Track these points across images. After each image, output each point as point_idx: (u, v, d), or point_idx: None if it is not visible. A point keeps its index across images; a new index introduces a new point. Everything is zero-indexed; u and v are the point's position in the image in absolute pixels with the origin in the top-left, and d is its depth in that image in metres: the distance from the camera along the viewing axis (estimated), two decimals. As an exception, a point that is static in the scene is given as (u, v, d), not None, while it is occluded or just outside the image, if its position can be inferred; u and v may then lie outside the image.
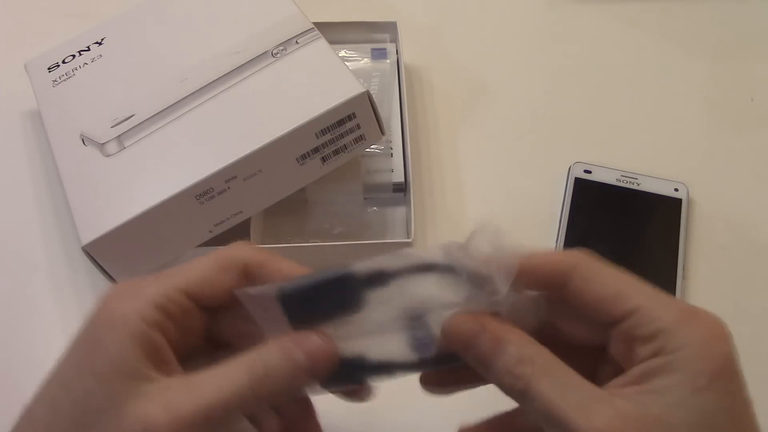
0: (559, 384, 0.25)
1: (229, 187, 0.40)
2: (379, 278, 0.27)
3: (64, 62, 0.48)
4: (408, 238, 0.46)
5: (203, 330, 0.30)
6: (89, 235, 0.38)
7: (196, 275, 0.28)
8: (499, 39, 0.59)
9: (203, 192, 0.39)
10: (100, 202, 0.40)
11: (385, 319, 0.27)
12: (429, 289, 0.27)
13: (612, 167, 0.49)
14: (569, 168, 0.49)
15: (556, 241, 0.45)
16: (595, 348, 0.28)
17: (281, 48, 0.44)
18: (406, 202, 0.48)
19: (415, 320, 0.28)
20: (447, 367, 0.28)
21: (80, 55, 0.48)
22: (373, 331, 0.28)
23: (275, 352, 0.27)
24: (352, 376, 0.28)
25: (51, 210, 0.48)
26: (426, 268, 0.27)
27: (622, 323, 0.26)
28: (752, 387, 0.40)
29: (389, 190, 0.48)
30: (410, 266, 0.27)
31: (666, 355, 0.24)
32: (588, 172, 0.49)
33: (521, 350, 0.26)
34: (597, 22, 0.60)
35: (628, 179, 0.48)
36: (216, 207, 0.40)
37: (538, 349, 0.26)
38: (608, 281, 0.27)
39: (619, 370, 0.26)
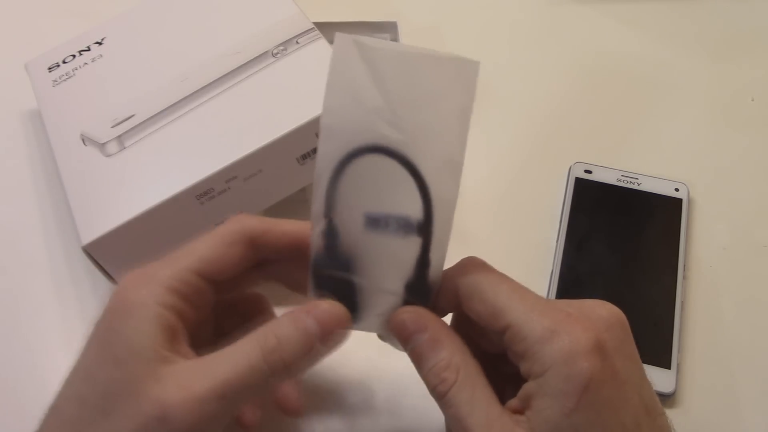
0: (473, 399, 0.26)
1: (229, 187, 0.40)
2: None
3: (64, 62, 0.48)
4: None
5: (213, 305, 0.30)
6: (89, 235, 0.38)
7: (206, 254, 0.29)
8: (499, 39, 0.59)
9: (204, 192, 0.39)
10: (100, 202, 0.40)
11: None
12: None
13: (612, 167, 0.49)
14: (569, 168, 0.49)
15: (557, 241, 0.45)
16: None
17: (281, 48, 0.44)
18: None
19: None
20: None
21: (80, 55, 0.48)
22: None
23: (286, 323, 0.27)
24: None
25: (51, 210, 0.48)
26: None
27: (503, 338, 0.27)
28: (753, 386, 0.41)
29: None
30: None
31: (536, 378, 0.26)
32: (588, 172, 0.49)
33: (452, 357, 0.27)
34: (597, 22, 0.60)
35: (629, 179, 0.48)
36: (216, 207, 0.40)
37: (467, 360, 0.28)
38: (488, 297, 0.28)
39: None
